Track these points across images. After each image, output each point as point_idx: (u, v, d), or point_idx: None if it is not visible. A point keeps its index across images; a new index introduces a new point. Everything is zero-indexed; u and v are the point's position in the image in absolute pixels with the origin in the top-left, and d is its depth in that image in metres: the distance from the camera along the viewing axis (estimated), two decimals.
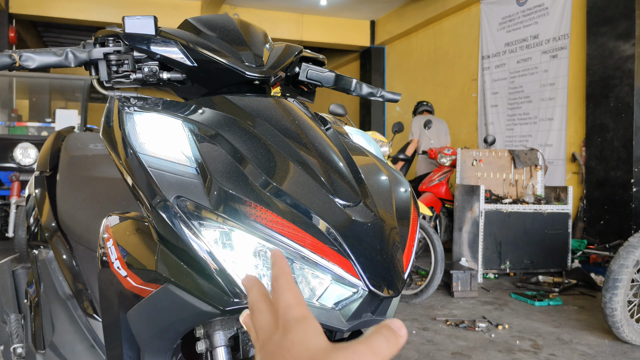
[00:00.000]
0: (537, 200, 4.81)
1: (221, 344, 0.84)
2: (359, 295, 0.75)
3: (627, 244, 2.93)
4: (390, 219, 0.82)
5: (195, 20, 1.01)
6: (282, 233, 0.71)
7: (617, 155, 4.90)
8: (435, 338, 3.07)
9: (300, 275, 0.73)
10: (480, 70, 7.01)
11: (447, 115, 7.57)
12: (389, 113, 9.76)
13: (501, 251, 4.62)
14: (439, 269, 3.70)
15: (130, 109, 0.83)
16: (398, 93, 1.30)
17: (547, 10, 5.90)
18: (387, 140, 4.35)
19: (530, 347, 2.93)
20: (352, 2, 8.45)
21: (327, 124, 1.01)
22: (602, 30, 5.05)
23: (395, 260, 0.78)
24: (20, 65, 0.91)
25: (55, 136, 1.88)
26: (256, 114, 0.87)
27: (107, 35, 0.95)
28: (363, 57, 10.08)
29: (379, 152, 1.05)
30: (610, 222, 4.96)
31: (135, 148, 0.78)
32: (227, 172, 0.76)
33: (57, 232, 1.51)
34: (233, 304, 0.70)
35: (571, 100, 5.60)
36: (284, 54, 1.01)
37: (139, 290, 0.84)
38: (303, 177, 0.79)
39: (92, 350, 1.29)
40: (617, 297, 2.84)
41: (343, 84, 1.21)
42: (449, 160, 5.28)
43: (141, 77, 0.95)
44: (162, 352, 0.85)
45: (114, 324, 0.93)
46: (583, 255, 4.77)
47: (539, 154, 5.04)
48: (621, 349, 2.91)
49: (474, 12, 7.13)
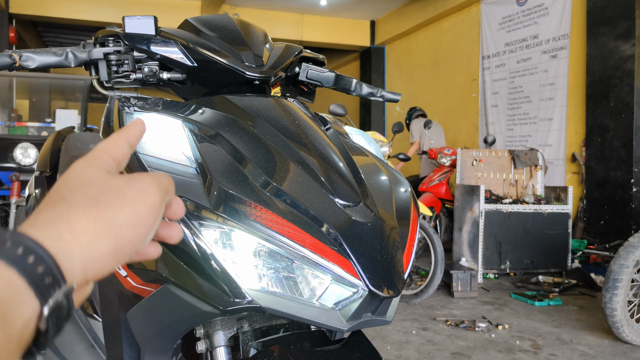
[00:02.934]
0: (537, 200, 4.81)
1: (221, 344, 0.84)
2: (359, 295, 0.75)
3: (627, 244, 2.93)
4: (390, 219, 0.82)
5: (195, 20, 1.01)
6: (282, 233, 0.71)
7: (617, 155, 4.90)
8: (435, 338, 3.07)
9: (300, 275, 0.73)
10: (480, 70, 7.01)
11: (447, 115, 7.58)
12: (389, 113, 9.76)
13: (501, 251, 4.62)
14: (439, 269, 3.71)
15: (130, 109, 0.83)
16: (398, 93, 1.30)
17: (547, 10, 5.90)
18: (387, 140, 4.35)
19: (530, 347, 2.93)
20: (352, 2, 8.45)
21: (327, 124, 1.01)
22: (602, 30, 5.05)
23: (395, 260, 0.78)
24: (20, 65, 0.91)
25: (55, 136, 1.88)
26: (256, 114, 0.87)
27: (107, 35, 0.95)
28: (363, 57, 10.08)
29: (379, 152, 1.05)
30: (610, 222, 4.96)
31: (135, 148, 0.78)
32: (227, 172, 0.76)
33: None
34: (233, 304, 0.70)
35: (571, 100, 5.60)
36: (284, 54, 1.01)
37: (139, 290, 0.84)
38: (303, 177, 0.79)
39: (92, 350, 1.30)
40: (617, 297, 2.84)
41: (343, 84, 1.21)
42: (449, 160, 5.28)
43: (141, 77, 0.95)
44: (162, 352, 0.85)
45: (114, 324, 0.93)
46: (583, 255, 4.77)
47: (539, 154, 5.04)
48: (621, 349, 2.91)
49: (474, 12, 7.13)
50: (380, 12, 9.07)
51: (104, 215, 0.34)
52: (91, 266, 0.33)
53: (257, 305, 0.70)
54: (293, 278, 0.72)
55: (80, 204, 0.34)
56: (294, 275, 0.72)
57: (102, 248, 0.34)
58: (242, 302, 0.70)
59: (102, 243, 0.34)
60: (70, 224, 0.33)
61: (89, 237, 0.33)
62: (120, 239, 0.34)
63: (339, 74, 1.19)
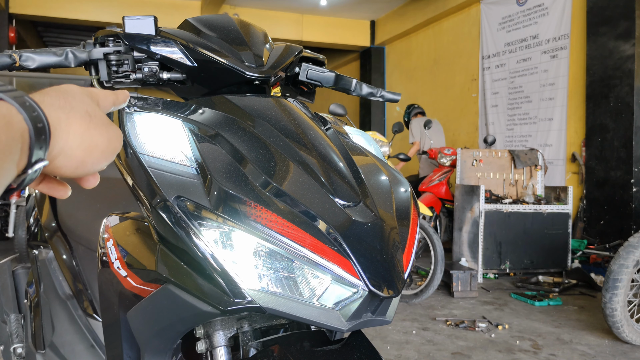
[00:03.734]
0: (537, 200, 4.81)
1: (221, 344, 0.84)
2: (359, 295, 0.75)
3: (627, 244, 2.93)
4: (390, 219, 0.82)
5: (195, 20, 1.01)
6: (282, 233, 0.71)
7: (617, 155, 4.90)
8: (435, 338, 3.07)
9: (300, 275, 0.73)
10: (480, 70, 7.01)
11: (447, 116, 7.58)
12: (389, 113, 9.76)
13: (501, 251, 4.62)
14: (439, 269, 3.71)
15: (130, 109, 0.83)
16: (398, 93, 1.30)
17: (547, 10, 5.90)
18: (387, 140, 4.35)
19: (530, 347, 2.93)
20: (352, 2, 8.45)
21: (327, 124, 1.00)
22: (602, 30, 5.05)
23: (395, 260, 0.78)
24: (20, 65, 0.91)
25: None
26: (256, 114, 0.87)
27: (107, 35, 0.95)
28: (363, 57, 10.08)
29: (379, 152, 1.05)
30: (610, 222, 4.96)
31: (135, 148, 0.78)
32: (227, 172, 0.76)
33: (57, 232, 1.51)
34: (233, 304, 0.70)
35: (571, 100, 5.60)
36: (284, 54, 1.01)
37: (139, 290, 0.84)
38: (303, 177, 0.79)
39: (92, 350, 1.30)
40: (617, 297, 2.84)
41: (343, 84, 1.21)
42: (449, 160, 5.28)
43: (141, 77, 0.95)
44: (162, 352, 0.85)
45: (114, 324, 0.93)
46: (583, 255, 4.78)
47: (539, 154, 5.04)
48: (621, 349, 2.91)
49: (474, 12, 7.13)
50: (380, 12, 9.07)
51: (92, 131, 0.43)
52: (62, 159, 0.41)
53: (257, 305, 0.70)
54: (293, 278, 0.72)
55: (79, 111, 0.43)
56: (294, 275, 0.72)
57: (77, 152, 0.42)
58: (242, 302, 0.70)
59: (79, 148, 0.42)
60: (67, 121, 0.41)
61: (74, 138, 0.41)
62: (90, 154, 0.43)
63: (339, 74, 1.19)
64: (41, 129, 0.37)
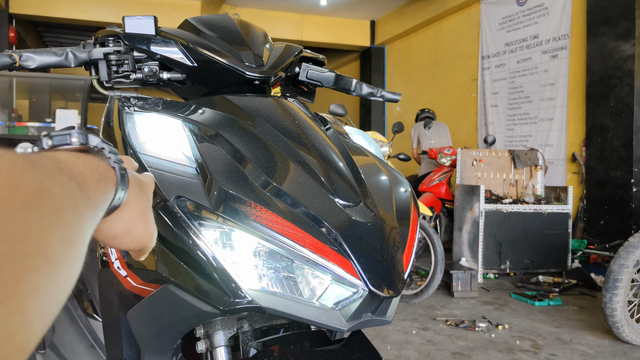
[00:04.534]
0: (537, 200, 4.81)
1: (221, 344, 0.84)
2: (359, 295, 0.75)
3: (627, 244, 2.93)
4: (390, 219, 0.82)
5: (195, 20, 1.01)
6: (282, 233, 0.71)
7: (617, 155, 4.90)
8: (435, 338, 3.07)
9: (300, 275, 0.73)
10: (480, 70, 7.01)
11: (447, 116, 7.57)
12: (389, 113, 9.76)
13: (501, 251, 4.62)
14: (439, 269, 3.70)
15: (130, 109, 0.83)
16: (398, 93, 1.30)
17: (547, 10, 5.90)
18: (387, 140, 4.35)
19: (530, 347, 2.93)
20: (352, 2, 8.45)
21: (327, 124, 1.01)
22: (602, 30, 5.05)
23: (395, 260, 0.78)
24: (20, 65, 0.91)
25: None
26: (256, 114, 0.87)
27: (107, 35, 0.95)
28: (363, 57, 10.08)
29: (379, 152, 1.05)
30: (610, 222, 4.96)
31: (135, 148, 0.78)
32: (227, 172, 0.76)
33: None
34: (233, 304, 0.70)
35: (571, 100, 5.60)
36: (284, 54, 1.01)
37: (139, 290, 0.84)
38: (303, 177, 0.79)
39: (92, 350, 1.29)
40: (617, 297, 2.84)
41: (343, 84, 1.21)
42: (449, 160, 5.28)
43: (141, 77, 0.95)
44: (162, 352, 0.85)
45: (114, 324, 0.93)
46: (583, 255, 4.77)
47: (539, 154, 5.04)
48: (621, 349, 2.91)
49: (474, 12, 7.13)
50: (380, 12, 9.07)
51: (140, 220, 0.48)
52: (106, 224, 0.46)
53: (257, 305, 0.70)
54: (293, 278, 0.72)
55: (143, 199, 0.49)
56: (294, 275, 0.72)
57: (118, 227, 0.47)
58: (242, 302, 0.70)
59: (121, 224, 0.47)
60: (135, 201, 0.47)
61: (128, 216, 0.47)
62: (125, 235, 0.48)
63: (339, 74, 1.19)
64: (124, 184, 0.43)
